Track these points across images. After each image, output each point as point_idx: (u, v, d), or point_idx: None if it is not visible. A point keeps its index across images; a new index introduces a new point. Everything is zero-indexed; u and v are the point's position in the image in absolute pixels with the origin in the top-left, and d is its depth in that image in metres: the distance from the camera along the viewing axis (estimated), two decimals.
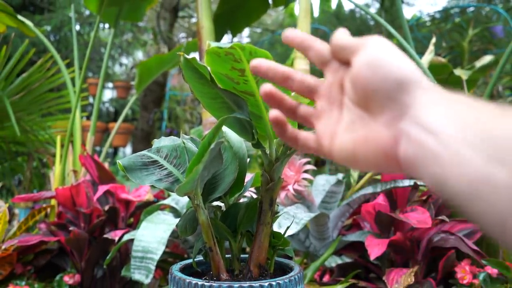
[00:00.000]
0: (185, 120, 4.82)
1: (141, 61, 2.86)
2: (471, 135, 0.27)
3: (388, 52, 0.33)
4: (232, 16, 2.25)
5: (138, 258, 1.03)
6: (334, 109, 0.37)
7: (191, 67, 0.54)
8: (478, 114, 0.28)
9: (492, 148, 0.26)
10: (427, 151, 0.29)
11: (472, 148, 0.26)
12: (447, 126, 0.28)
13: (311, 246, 1.29)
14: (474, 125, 0.27)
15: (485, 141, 0.26)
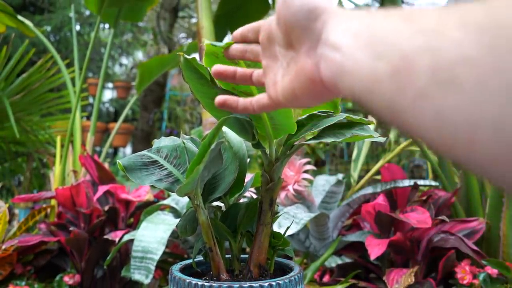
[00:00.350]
0: (185, 120, 4.82)
1: (142, 62, 2.87)
2: (363, 40, 0.29)
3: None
4: (232, 17, 2.25)
5: (138, 258, 1.03)
6: (274, 62, 0.41)
7: (191, 67, 0.54)
8: (371, 21, 0.29)
9: (375, 46, 0.27)
10: (337, 66, 0.31)
11: (363, 51, 0.28)
12: (347, 39, 0.30)
13: (311, 246, 1.29)
14: (366, 30, 0.29)
15: (371, 42, 0.28)
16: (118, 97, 5.69)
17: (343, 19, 0.33)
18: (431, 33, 0.24)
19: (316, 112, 0.60)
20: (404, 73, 0.25)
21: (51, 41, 4.84)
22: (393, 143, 1.74)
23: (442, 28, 0.24)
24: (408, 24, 0.26)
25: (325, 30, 0.33)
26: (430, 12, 0.26)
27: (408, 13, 0.27)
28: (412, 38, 0.25)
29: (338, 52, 0.31)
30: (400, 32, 0.26)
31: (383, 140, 0.57)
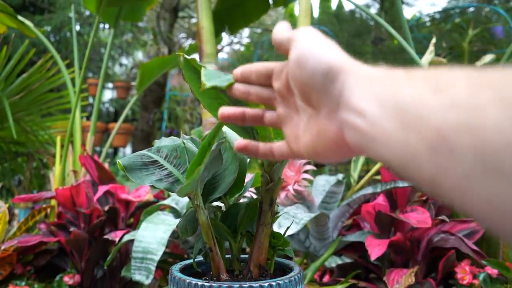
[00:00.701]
0: (185, 120, 4.82)
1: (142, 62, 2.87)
2: (389, 109, 0.28)
3: (313, 44, 0.34)
4: (230, 14, 2.25)
5: (138, 259, 1.02)
6: (293, 112, 0.39)
7: (191, 68, 0.54)
8: (394, 87, 0.28)
9: (403, 116, 0.27)
10: (362, 133, 0.30)
11: (391, 121, 0.27)
12: (371, 106, 0.29)
13: (311, 246, 1.29)
14: (391, 98, 0.28)
15: (398, 112, 0.27)
16: (118, 97, 5.69)
17: (362, 80, 0.31)
18: (466, 109, 0.23)
19: None
20: (442, 150, 0.24)
21: (51, 41, 4.84)
22: None
23: (476, 102, 0.23)
24: (436, 95, 0.25)
25: (344, 93, 0.32)
26: (457, 78, 0.25)
27: (433, 79, 0.26)
28: (445, 112, 0.24)
29: (363, 118, 0.30)
30: (429, 103, 0.25)
31: None
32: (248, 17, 2.32)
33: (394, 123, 0.27)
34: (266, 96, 0.42)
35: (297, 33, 0.36)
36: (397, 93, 0.28)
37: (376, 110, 0.29)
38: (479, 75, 0.24)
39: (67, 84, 1.97)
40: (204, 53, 1.71)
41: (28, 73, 2.14)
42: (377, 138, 0.28)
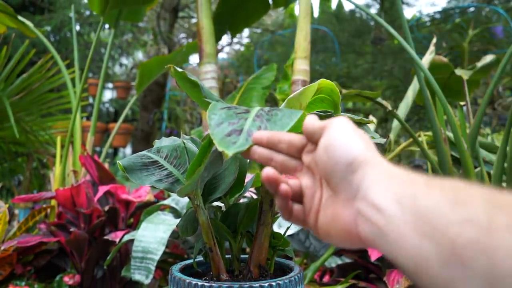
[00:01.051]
0: (185, 120, 4.82)
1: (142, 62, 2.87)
2: (408, 212, 0.29)
3: (342, 135, 0.36)
4: (231, 16, 2.25)
5: (138, 259, 1.02)
6: (317, 186, 0.39)
7: (183, 77, 0.55)
8: (413, 190, 0.30)
9: (421, 223, 0.28)
10: (377, 228, 0.31)
11: (408, 223, 0.28)
12: (390, 205, 0.30)
13: (311, 247, 1.29)
14: (409, 202, 0.29)
15: (416, 218, 0.28)
16: (118, 97, 5.69)
17: (382, 176, 0.32)
18: (482, 228, 0.24)
19: (316, 112, 0.60)
20: (455, 264, 0.25)
21: (51, 41, 4.84)
22: (393, 143, 1.74)
23: (492, 224, 0.24)
24: (454, 208, 0.26)
25: (363, 185, 0.33)
26: (474, 194, 0.26)
27: (451, 192, 0.27)
28: (462, 227, 0.25)
29: (381, 215, 0.31)
30: (447, 215, 0.26)
31: (384, 141, 0.57)
32: (249, 18, 2.33)
33: (410, 227, 0.28)
34: (292, 166, 0.42)
35: (331, 122, 0.38)
36: (417, 198, 0.29)
37: (394, 209, 0.30)
38: (495, 196, 0.26)
39: (67, 84, 1.97)
40: (204, 53, 1.71)
41: (28, 73, 2.14)
42: (391, 236, 0.30)
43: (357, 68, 4.41)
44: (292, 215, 0.41)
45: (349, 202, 0.34)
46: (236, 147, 0.40)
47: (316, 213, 0.39)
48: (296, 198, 0.41)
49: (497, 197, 0.26)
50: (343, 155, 0.35)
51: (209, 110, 0.45)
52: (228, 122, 0.43)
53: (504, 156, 1.16)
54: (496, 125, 3.60)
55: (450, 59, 3.35)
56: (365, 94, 1.55)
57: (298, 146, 0.41)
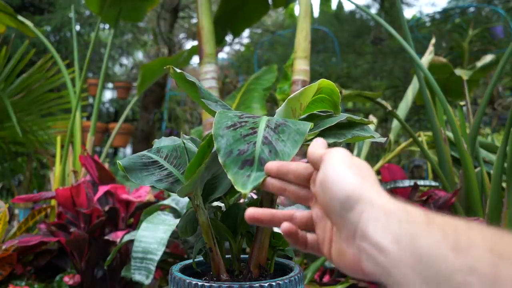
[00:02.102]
0: (185, 120, 4.82)
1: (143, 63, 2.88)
2: (407, 253, 0.29)
3: (337, 170, 0.35)
4: (232, 17, 2.26)
5: (138, 259, 1.02)
6: (326, 219, 0.39)
7: (182, 78, 0.55)
8: (412, 229, 0.29)
9: (424, 266, 0.27)
10: (382, 268, 0.31)
11: (411, 267, 0.28)
12: (390, 244, 0.30)
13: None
14: (409, 241, 0.29)
15: (417, 259, 0.28)
16: (118, 97, 5.69)
17: (380, 214, 0.32)
18: (487, 280, 0.24)
19: (316, 112, 0.60)
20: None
21: (51, 41, 4.84)
22: (393, 143, 1.74)
23: (496, 275, 0.24)
24: (457, 254, 0.26)
25: (361, 224, 0.32)
26: (476, 238, 0.26)
27: (451, 233, 0.27)
28: (466, 276, 0.25)
29: (382, 255, 0.30)
30: (450, 262, 0.26)
31: (384, 140, 0.57)
32: (249, 19, 2.33)
33: (413, 269, 0.28)
34: (303, 196, 0.42)
35: (327, 154, 0.37)
36: (417, 240, 0.28)
37: (395, 249, 0.29)
38: (498, 243, 0.25)
39: (67, 84, 1.97)
40: (204, 53, 1.71)
41: (28, 73, 2.14)
42: (395, 277, 0.29)
43: (357, 68, 4.41)
44: (307, 246, 0.41)
45: (350, 240, 0.34)
46: (252, 182, 0.41)
47: (329, 243, 0.38)
48: (310, 227, 0.41)
49: (500, 245, 0.25)
50: (337, 192, 0.34)
51: (215, 130, 0.44)
52: (238, 149, 0.43)
53: (504, 156, 1.16)
54: (496, 125, 3.60)
55: (450, 59, 3.35)
56: (366, 95, 1.55)
57: (305, 175, 0.41)
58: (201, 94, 0.56)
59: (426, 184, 1.40)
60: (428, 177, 2.40)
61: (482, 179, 1.34)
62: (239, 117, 0.48)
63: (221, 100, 0.60)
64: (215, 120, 0.46)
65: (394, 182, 1.21)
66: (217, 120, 0.46)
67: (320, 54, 4.66)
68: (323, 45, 4.65)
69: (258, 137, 0.44)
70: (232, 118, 0.47)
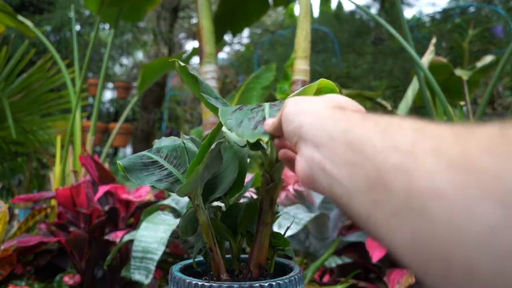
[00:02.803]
0: (185, 120, 4.82)
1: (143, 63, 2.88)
2: (340, 144, 0.30)
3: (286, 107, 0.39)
4: (232, 17, 2.26)
5: (138, 259, 1.02)
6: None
7: (186, 72, 0.56)
8: (346, 123, 0.31)
9: (352, 152, 0.29)
10: (318, 164, 0.33)
11: (342, 156, 0.30)
12: (326, 140, 0.32)
13: (311, 246, 1.29)
14: (342, 134, 0.31)
15: (348, 148, 0.29)
16: (118, 97, 5.69)
17: (316, 118, 0.34)
18: (405, 154, 0.25)
19: None
20: (379, 188, 0.26)
21: (51, 41, 4.84)
22: None
23: (415, 149, 0.25)
24: (384, 137, 0.27)
25: (301, 129, 0.36)
26: (405, 125, 0.27)
27: (383, 122, 0.29)
28: (388, 153, 0.26)
29: (319, 151, 0.32)
30: (376, 144, 0.27)
31: None
32: (249, 18, 2.33)
33: (343, 158, 0.30)
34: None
35: (284, 104, 0.41)
36: (349, 132, 0.30)
37: (330, 144, 0.31)
38: (425, 125, 0.26)
39: (67, 84, 1.97)
40: (204, 53, 1.71)
41: (28, 73, 2.14)
42: (328, 169, 0.31)
43: (357, 68, 4.41)
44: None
45: (298, 150, 0.36)
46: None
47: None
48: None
49: (426, 126, 0.26)
50: (284, 116, 0.38)
51: (222, 117, 0.46)
52: (247, 118, 0.45)
53: None
54: None
55: (450, 59, 3.35)
56: (366, 95, 1.55)
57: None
58: (201, 89, 0.56)
59: None
60: None
61: None
62: (244, 106, 0.50)
63: (221, 98, 0.60)
64: (220, 113, 0.47)
65: None
66: (222, 113, 0.47)
67: (320, 54, 4.66)
68: (323, 45, 4.65)
69: (265, 106, 0.47)
70: (236, 107, 0.49)
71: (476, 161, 0.22)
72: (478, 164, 0.22)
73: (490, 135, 0.22)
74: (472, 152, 0.22)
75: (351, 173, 0.29)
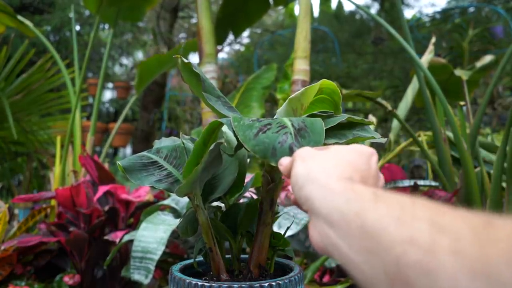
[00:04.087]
0: (185, 120, 4.83)
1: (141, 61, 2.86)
2: (355, 229, 0.30)
3: (295, 168, 0.39)
4: (233, 18, 2.26)
5: (137, 259, 1.02)
6: None
7: (188, 69, 0.55)
8: (359, 205, 0.31)
9: (368, 238, 0.29)
10: (331, 241, 0.33)
11: (357, 240, 0.30)
12: (339, 219, 0.32)
13: (311, 247, 1.29)
14: (356, 216, 0.30)
15: (362, 232, 0.29)
16: (118, 97, 5.69)
17: (327, 192, 0.34)
18: (425, 251, 0.25)
19: (317, 112, 0.60)
20: (401, 283, 0.26)
21: (51, 41, 4.84)
22: (393, 143, 1.74)
23: (435, 247, 0.25)
24: (399, 226, 0.27)
25: (312, 201, 0.35)
26: (422, 216, 0.27)
27: (399, 207, 0.28)
28: (406, 246, 0.26)
29: (333, 229, 0.32)
30: (392, 233, 0.27)
31: (384, 140, 0.56)
32: (250, 19, 2.33)
33: (358, 242, 0.29)
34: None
35: (295, 155, 0.41)
36: (362, 214, 0.30)
37: (343, 224, 0.31)
38: (441, 217, 0.27)
39: (67, 84, 1.97)
40: (204, 53, 1.71)
41: (28, 73, 2.14)
42: (343, 250, 0.31)
43: (357, 68, 4.41)
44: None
45: (311, 220, 0.36)
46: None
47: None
48: None
49: (441, 218, 0.27)
50: (292, 179, 0.39)
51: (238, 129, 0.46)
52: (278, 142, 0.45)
53: (504, 156, 1.16)
54: (496, 125, 3.60)
55: (450, 59, 3.35)
56: (366, 95, 1.55)
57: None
58: (204, 87, 0.55)
59: (426, 184, 1.40)
60: (428, 177, 2.40)
61: (482, 179, 1.34)
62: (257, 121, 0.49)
63: (224, 97, 0.59)
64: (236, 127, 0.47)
65: (394, 182, 1.21)
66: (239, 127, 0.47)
67: (320, 54, 4.66)
68: (323, 45, 4.65)
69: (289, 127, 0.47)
70: (251, 125, 0.48)
71: (499, 273, 0.22)
72: (501, 278, 0.22)
73: (509, 235, 0.23)
74: (493, 261, 0.22)
75: (369, 261, 0.28)
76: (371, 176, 0.40)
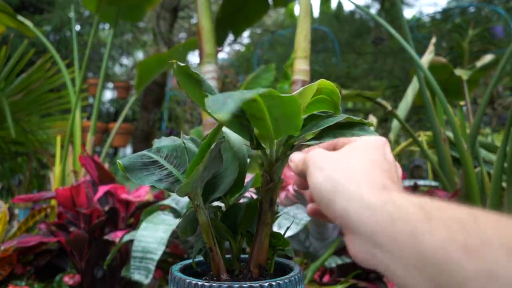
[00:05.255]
0: (185, 120, 4.83)
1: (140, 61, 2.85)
2: (411, 254, 0.27)
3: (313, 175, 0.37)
4: (233, 19, 2.26)
5: (137, 259, 1.02)
6: None
7: (185, 73, 0.53)
8: (409, 225, 0.28)
9: (431, 268, 0.26)
10: (381, 262, 0.29)
11: (417, 269, 0.27)
12: (387, 241, 0.28)
13: (311, 247, 1.29)
14: (410, 239, 0.27)
15: (423, 260, 0.26)
16: (118, 97, 5.69)
17: (362, 207, 0.31)
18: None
19: (316, 112, 0.60)
20: None
21: (51, 41, 4.84)
22: (393, 143, 1.74)
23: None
24: (469, 257, 0.24)
25: (345, 218, 0.32)
26: (495, 243, 0.24)
27: (460, 229, 0.25)
28: (485, 285, 0.23)
29: (381, 251, 0.29)
30: (463, 266, 0.24)
31: None
32: (250, 19, 2.33)
33: (421, 273, 0.26)
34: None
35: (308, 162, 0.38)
36: (418, 238, 0.26)
37: (394, 248, 0.28)
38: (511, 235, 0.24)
39: (67, 84, 1.97)
40: (204, 53, 1.71)
41: (27, 73, 2.14)
42: (397, 273, 0.28)
43: (357, 68, 4.41)
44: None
45: (345, 232, 0.33)
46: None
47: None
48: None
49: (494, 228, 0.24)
50: (318, 193, 0.35)
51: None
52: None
53: (504, 156, 1.16)
54: (496, 125, 3.60)
55: (450, 59, 3.35)
56: (365, 95, 1.55)
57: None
58: (203, 88, 0.55)
59: (426, 184, 1.40)
60: (428, 177, 2.40)
61: (482, 179, 1.34)
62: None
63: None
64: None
65: None
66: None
67: (320, 54, 4.66)
68: (323, 45, 4.65)
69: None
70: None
71: None
72: None
73: None
74: None
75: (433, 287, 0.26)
76: (394, 171, 0.37)
